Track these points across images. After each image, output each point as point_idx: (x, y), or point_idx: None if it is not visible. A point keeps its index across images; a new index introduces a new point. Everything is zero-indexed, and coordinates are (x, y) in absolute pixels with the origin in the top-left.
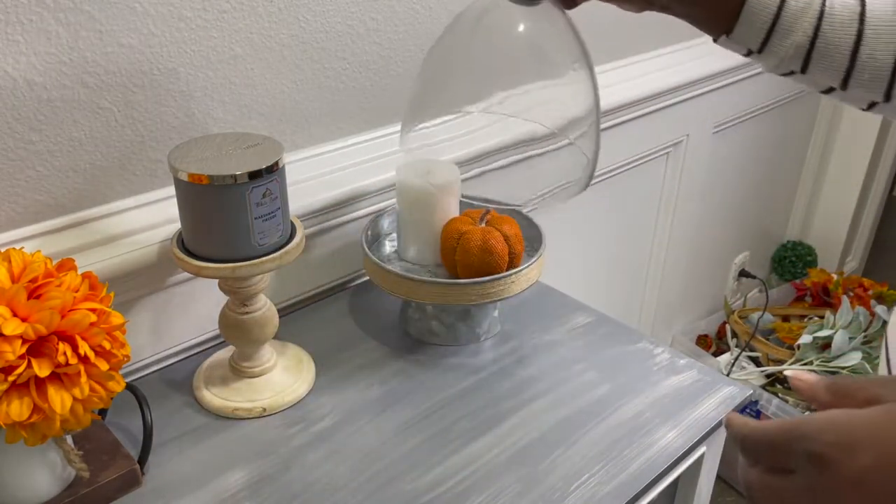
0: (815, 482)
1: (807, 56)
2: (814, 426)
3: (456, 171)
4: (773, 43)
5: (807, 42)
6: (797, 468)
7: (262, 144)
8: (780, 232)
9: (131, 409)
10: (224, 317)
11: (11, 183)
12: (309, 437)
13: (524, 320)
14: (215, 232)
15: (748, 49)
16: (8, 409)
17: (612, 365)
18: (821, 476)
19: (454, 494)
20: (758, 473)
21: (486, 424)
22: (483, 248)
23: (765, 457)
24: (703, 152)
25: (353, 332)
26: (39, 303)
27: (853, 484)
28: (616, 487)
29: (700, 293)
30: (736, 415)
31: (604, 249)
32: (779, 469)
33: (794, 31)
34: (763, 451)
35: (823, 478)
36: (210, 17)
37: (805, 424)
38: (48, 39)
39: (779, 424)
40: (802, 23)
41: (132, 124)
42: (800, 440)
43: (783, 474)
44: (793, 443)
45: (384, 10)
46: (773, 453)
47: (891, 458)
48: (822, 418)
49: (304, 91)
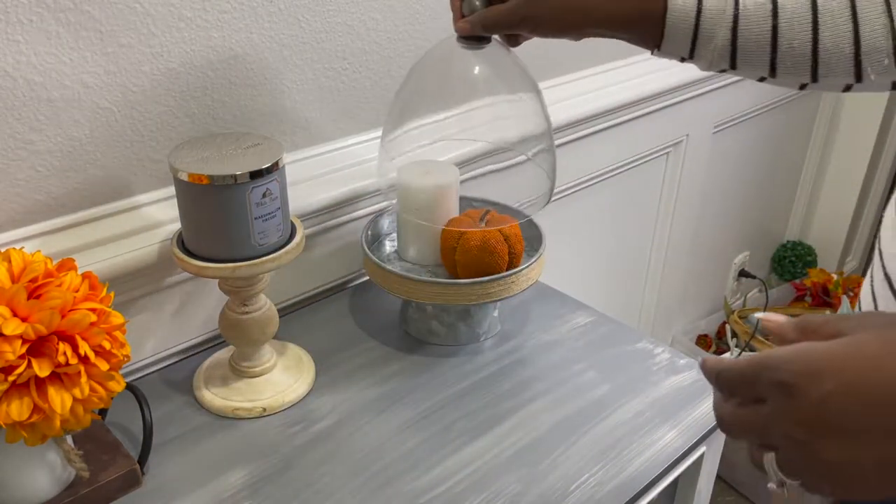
0: (783, 408)
1: (732, 55)
2: (781, 357)
3: (456, 171)
4: (699, 49)
5: (728, 43)
6: (767, 397)
7: (262, 144)
8: (779, 232)
9: (131, 409)
10: (224, 317)
11: (11, 183)
12: (309, 437)
13: (524, 320)
14: (215, 232)
15: (681, 57)
16: (8, 409)
17: (612, 365)
18: (788, 402)
19: (454, 494)
20: (730, 407)
21: (486, 424)
22: (483, 248)
23: (738, 390)
24: (703, 152)
25: (353, 332)
26: (39, 303)
27: (817, 407)
28: (616, 487)
29: (700, 293)
30: (710, 356)
31: (604, 249)
32: (750, 401)
33: (715, 35)
34: (736, 385)
35: (790, 403)
36: (210, 17)
37: (773, 356)
38: (48, 39)
39: (749, 359)
40: (721, 28)
41: (132, 124)
42: (768, 370)
43: (754, 405)
44: (762, 373)
45: (384, 10)
46: (744, 386)
47: (852, 384)
48: (788, 350)
49: (304, 91)
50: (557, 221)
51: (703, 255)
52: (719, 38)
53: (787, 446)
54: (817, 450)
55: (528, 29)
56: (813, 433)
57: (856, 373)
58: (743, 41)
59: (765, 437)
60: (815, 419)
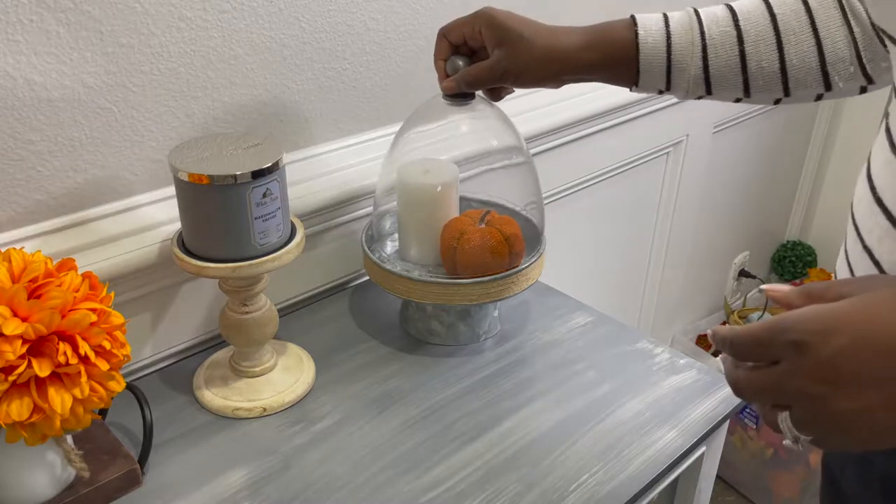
0: (797, 366)
1: (706, 82)
2: (793, 319)
3: (456, 171)
4: (674, 81)
5: (701, 72)
6: (781, 358)
7: (262, 144)
8: (779, 232)
9: (131, 409)
10: (224, 317)
11: (11, 183)
12: (309, 437)
13: (524, 320)
14: (215, 232)
15: (658, 90)
16: (8, 408)
17: (612, 365)
18: (802, 360)
19: (454, 494)
20: (743, 371)
21: (486, 424)
22: (483, 248)
23: (752, 354)
24: (703, 152)
25: (353, 332)
26: (40, 303)
27: (830, 361)
28: (616, 487)
29: (700, 293)
30: (721, 326)
31: (604, 249)
32: (763, 363)
33: (688, 66)
34: (750, 349)
35: (804, 361)
36: (210, 17)
37: (785, 319)
38: (48, 39)
39: (761, 323)
40: (692, 58)
41: (132, 124)
42: (783, 332)
43: (768, 367)
44: (775, 336)
45: (384, 10)
46: (758, 349)
47: (863, 336)
48: (801, 311)
49: (304, 91)
50: (557, 221)
51: (703, 255)
52: (692, 69)
53: (802, 403)
54: (832, 401)
55: (510, 81)
56: (827, 386)
57: (866, 326)
58: (715, 69)
59: (779, 396)
60: (829, 373)
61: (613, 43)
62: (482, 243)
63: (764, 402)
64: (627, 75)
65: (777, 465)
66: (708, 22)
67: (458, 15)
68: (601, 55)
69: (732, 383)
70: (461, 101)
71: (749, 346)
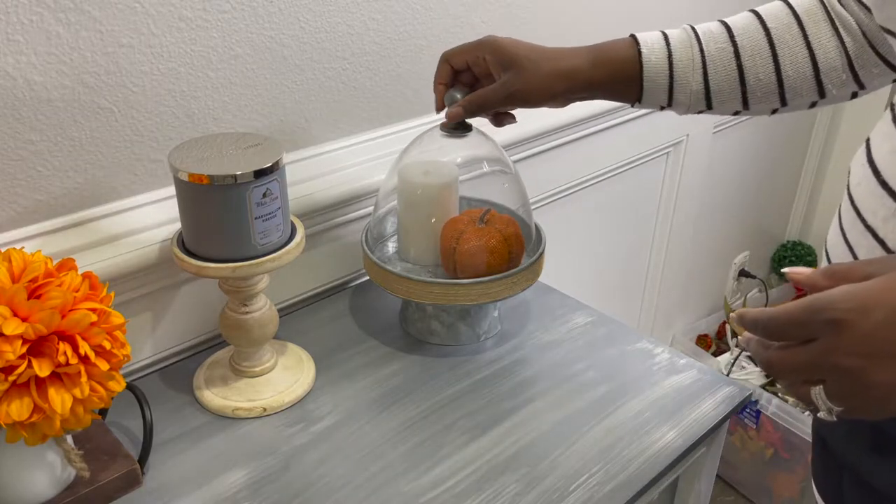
0: (835, 342)
1: (707, 97)
2: (829, 298)
3: (456, 172)
4: (676, 97)
5: (702, 87)
6: (818, 336)
7: (262, 144)
8: (779, 232)
9: (131, 409)
10: (224, 317)
11: (11, 183)
12: (309, 437)
13: (524, 320)
14: (215, 232)
15: (660, 105)
16: (8, 408)
17: (612, 365)
18: (839, 337)
19: (454, 494)
20: (777, 351)
21: (486, 424)
22: (483, 248)
23: (787, 334)
24: (702, 152)
25: (353, 332)
26: (40, 303)
27: (868, 336)
28: (616, 487)
29: (700, 293)
30: (745, 308)
31: (604, 249)
32: (797, 342)
33: (689, 82)
34: (785, 329)
35: (842, 337)
36: (210, 17)
37: (821, 298)
38: (48, 39)
39: (797, 303)
40: (693, 74)
41: (132, 124)
42: (820, 311)
43: (803, 345)
44: (813, 314)
45: (384, 10)
46: (795, 329)
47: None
48: (836, 291)
49: (304, 91)
50: (557, 221)
51: (703, 255)
52: (693, 84)
53: (839, 377)
54: (869, 374)
55: (517, 103)
56: (865, 360)
57: None
58: (715, 83)
59: (816, 371)
60: (867, 347)
61: (617, 60)
62: (482, 243)
63: (798, 379)
64: (630, 92)
65: (777, 465)
66: (706, 39)
67: (457, 14)
68: (607, 72)
69: (765, 363)
70: (459, 133)
71: (785, 327)
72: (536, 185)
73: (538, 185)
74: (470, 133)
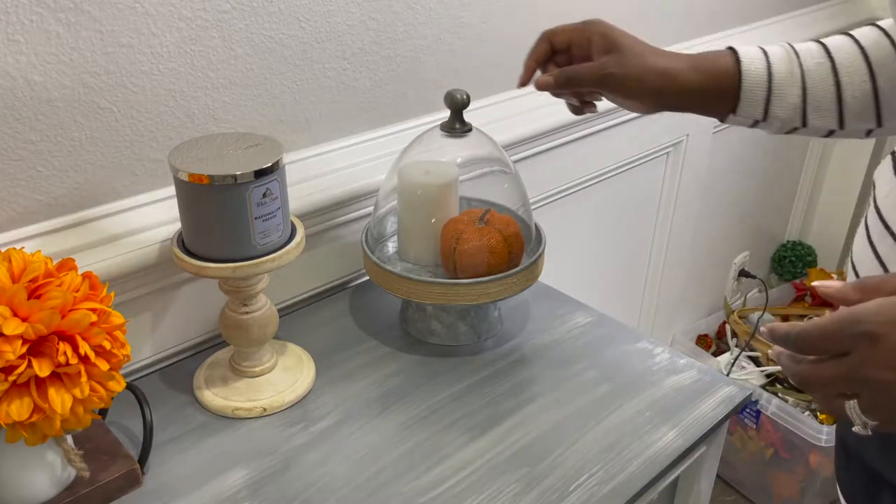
0: (869, 356)
1: (803, 112)
2: (863, 312)
3: (456, 172)
4: (772, 111)
5: (800, 101)
6: (851, 349)
7: (262, 144)
8: (779, 232)
9: (131, 409)
10: (224, 317)
11: (11, 183)
12: (309, 437)
13: (524, 320)
14: (215, 232)
15: (754, 120)
16: (8, 408)
17: (612, 365)
18: (874, 350)
19: (454, 494)
20: (809, 365)
21: (486, 424)
22: (483, 248)
23: (818, 348)
24: (702, 152)
25: (353, 332)
26: (40, 303)
27: None
28: (616, 487)
29: (700, 293)
30: (775, 323)
31: (604, 249)
32: (830, 356)
33: (788, 95)
34: (817, 343)
35: (876, 350)
36: (210, 17)
37: (855, 312)
38: (48, 39)
39: (829, 317)
40: (792, 87)
41: (132, 124)
42: (854, 325)
43: (836, 359)
44: (846, 328)
45: (384, 10)
46: (827, 342)
47: None
48: (869, 304)
49: (304, 91)
50: (557, 221)
51: (703, 255)
52: (791, 97)
53: (874, 390)
54: None
55: (610, 87)
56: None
57: None
58: (812, 98)
59: (850, 385)
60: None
61: (716, 68)
62: (482, 243)
63: (831, 392)
64: (725, 102)
65: (777, 466)
66: (804, 54)
67: (456, 14)
68: (706, 77)
69: (798, 378)
70: (459, 133)
71: (816, 341)
72: (536, 185)
73: (538, 185)
74: (470, 133)
